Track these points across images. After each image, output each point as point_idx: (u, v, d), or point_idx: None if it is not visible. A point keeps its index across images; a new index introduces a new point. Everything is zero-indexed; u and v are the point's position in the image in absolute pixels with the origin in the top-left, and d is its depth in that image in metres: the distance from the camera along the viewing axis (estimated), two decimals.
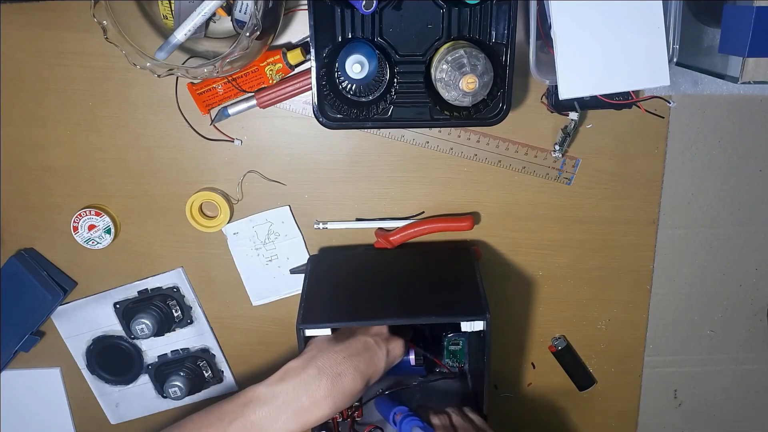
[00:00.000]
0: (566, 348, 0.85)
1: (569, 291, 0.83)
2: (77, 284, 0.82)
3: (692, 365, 0.88)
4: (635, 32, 0.61)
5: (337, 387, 0.62)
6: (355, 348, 0.64)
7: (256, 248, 0.80)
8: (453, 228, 0.77)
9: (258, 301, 0.83)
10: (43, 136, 0.75)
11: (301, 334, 0.66)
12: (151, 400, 0.88)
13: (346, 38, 0.65)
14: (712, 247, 0.83)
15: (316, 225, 0.79)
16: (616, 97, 0.71)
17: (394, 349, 0.66)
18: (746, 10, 0.57)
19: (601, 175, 0.78)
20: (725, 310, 0.86)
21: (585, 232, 0.80)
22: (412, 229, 0.77)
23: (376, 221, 0.79)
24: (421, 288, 0.72)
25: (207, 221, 0.78)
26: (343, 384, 0.62)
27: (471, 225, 0.77)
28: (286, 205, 0.78)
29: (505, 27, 0.64)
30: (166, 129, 0.75)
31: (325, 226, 0.78)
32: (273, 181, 0.77)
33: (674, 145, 0.77)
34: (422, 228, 0.77)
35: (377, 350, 0.64)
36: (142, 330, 0.79)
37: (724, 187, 0.80)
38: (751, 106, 0.76)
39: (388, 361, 0.65)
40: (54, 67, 0.73)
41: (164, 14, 0.67)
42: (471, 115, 0.67)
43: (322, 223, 0.78)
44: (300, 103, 0.74)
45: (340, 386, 0.62)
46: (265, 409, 0.60)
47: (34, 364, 0.86)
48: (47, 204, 0.78)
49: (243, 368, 0.87)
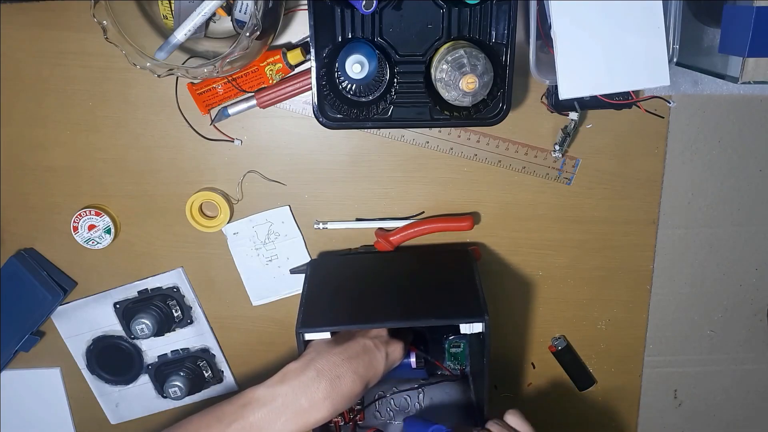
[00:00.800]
0: (566, 348, 0.85)
1: (569, 291, 0.83)
2: (77, 284, 0.82)
3: (692, 365, 0.88)
4: (635, 32, 0.61)
5: (335, 389, 0.62)
6: (354, 350, 0.64)
7: (256, 248, 0.80)
8: (453, 228, 0.77)
9: (258, 301, 0.83)
10: (43, 136, 0.75)
11: (301, 338, 0.66)
12: (151, 400, 0.88)
13: (346, 38, 0.65)
14: (712, 247, 0.83)
15: (316, 225, 0.79)
16: (616, 97, 0.71)
17: (394, 352, 0.66)
18: (746, 10, 0.57)
19: (601, 175, 0.78)
20: (725, 310, 0.86)
21: (585, 232, 0.80)
22: (412, 229, 0.77)
23: (375, 221, 0.79)
24: (420, 290, 0.72)
25: (207, 221, 0.78)
26: (342, 386, 0.62)
27: (471, 225, 0.77)
28: (286, 205, 0.78)
29: (505, 27, 0.64)
30: (166, 129, 0.75)
31: (325, 226, 0.78)
32: (273, 181, 0.77)
33: (674, 145, 0.77)
34: (422, 228, 0.77)
35: (376, 353, 0.64)
36: (142, 330, 0.79)
37: (724, 187, 0.80)
38: (751, 106, 0.76)
39: (387, 364, 0.65)
40: (54, 67, 0.73)
41: (164, 14, 0.67)
42: (471, 115, 0.67)
43: (322, 223, 0.79)
44: (300, 103, 0.74)
45: (338, 388, 0.62)
46: (264, 411, 0.61)
47: (34, 364, 0.86)
48: (47, 204, 0.78)
49: (243, 368, 0.87)
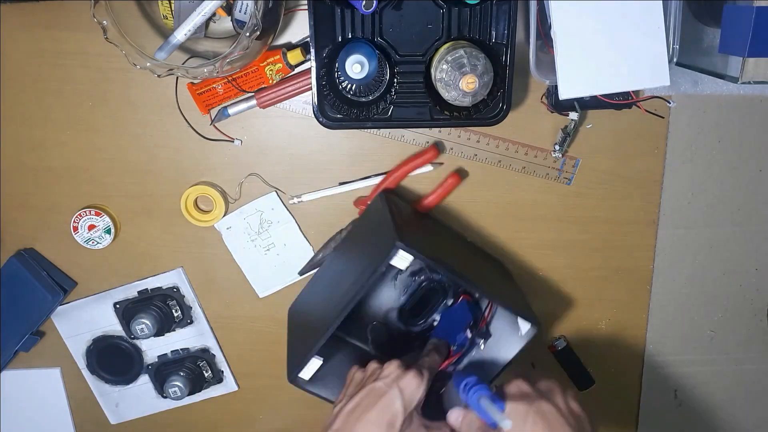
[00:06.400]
0: (566, 348, 0.85)
1: (569, 291, 0.83)
2: (77, 284, 0.82)
3: (692, 365, 0.88)
4: (635, 32, 0.61)
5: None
6: (366, 402, 0.62)
7: (251, 239, 0.80)
8: (421, 163, 0.74)
9: (264, 292, 0.82)
10: (43, 136, 0.75)
11: (300, 384, 0.68)
12: (151, 400, 0.88)
13: (346, 38, 0.65)
14: (712, 247, 0.83)
15: (291, 200, 0.78)
16: (616, 97, 0.71)
17: (407, 387, 0.63)
18: (746, 10, 0.57)
19: (601, 175, 0.78)
20: (725, 310, 0.86)
21: (585, 232, 0.81)
22: (384, 183, 0.75)
23: (345, 185, 0.77)
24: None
25: (202, 215, 0.78)
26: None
27: (436, 153, 0.74)
28: (273, 191, 0.78)
29: (505, 27, 0.64)
30: (166, 129, 0.75)
31: (300, 200, 0.78)
32: (273, 187, 0.77)
33: (674, 145, 0.77)
34: (392, 177, 0.75)
35: (388, 393, 0.63)
36: (142, 330, 0.79)
37: (724, 187, 0.80)
38: (751, 106, 0.76)
39: (405, 399, 0.63)
40: (54, 67, 0.73)
41: (164, 14, 0.67)
42: (471, 115, 0.67)
43: (296, 197, 0.78)
44: (300, 103, 0.74)
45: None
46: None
47: (34, 364, 0.86)
48: (47, 204, 0.78)
49: (243, 368, 0.87)
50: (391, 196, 0.75)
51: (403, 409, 0.62)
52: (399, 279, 0.74)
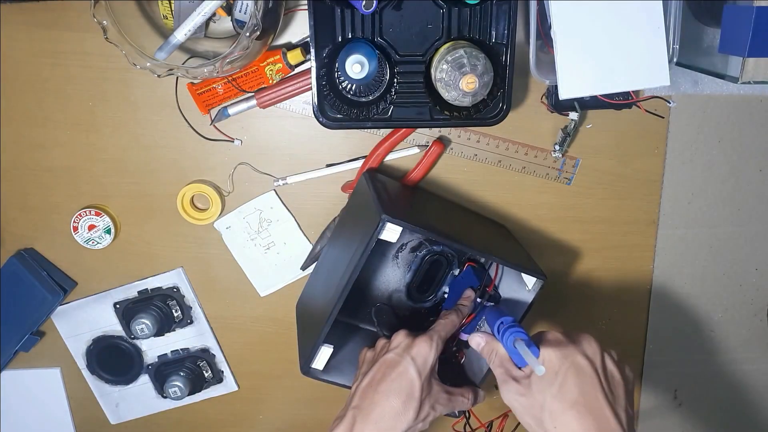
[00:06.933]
0: None
1: (569, 291, 0.83)
2: (77, 284, 0.82)
3: (692, 365, 0.88)
4: (635, 32, 0.61)
5: (371, 418, 0.60)
6: (380, 375, 0.62)
7: (251, 238, 0.80)
8: (398, 138, 0.74)
9: (266, 291, 0.83)
10: (43, 136, 0.75)
11: (314, 374, 0.68)
12: (151, 400, 0.88)
13: (346, 38, 0.65)
14: (712, 247, 0.83)
15: (276, 183, 0.77)
16: (616, 97, 0.71)
17: (419, 354, 0.63)
18: (746, 10, 0.57)
19: (601, 175, 0.78)
20: (725, 310, 0.86)
21: (585, 232, 0.81)
22: (367, 163, 0.75)
23: (331, 167, 0.77)
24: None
25: (199, 214, 0.78)
26: (379, 413, 0.61)
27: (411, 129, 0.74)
28: (271, 190, 0.78)
29: (505, 27, 0.64)
30: (166, 129, 0.75)
31: (285, 182, 0.77)
32: (264, 173, 0.77)
33: (674, 145, 0.77)
34: (375, 156, 0.75)
35: (401, 362, 0.63)
36: (142, 330, 0.79)
37: (724, 187, 0.80)
38: (751, 106, 0.76)
39: (418, 366, 0.63)
40: (54, 67, 0.73)
41: (164, 14, 0.67)
42: (471, 115, 0.67)
43: (281, 179, 0.77)
44: (300, 103, 0.74)
45: (376, 416, 0.61)
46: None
47: (34, 364, 0.86)
48: (47, 204, 0.78)
49: (243, 368, 0.87)
50: (376, 174, 0.75)
51: (418, 375, 0.62)
52: (401, 257, 0.74)
